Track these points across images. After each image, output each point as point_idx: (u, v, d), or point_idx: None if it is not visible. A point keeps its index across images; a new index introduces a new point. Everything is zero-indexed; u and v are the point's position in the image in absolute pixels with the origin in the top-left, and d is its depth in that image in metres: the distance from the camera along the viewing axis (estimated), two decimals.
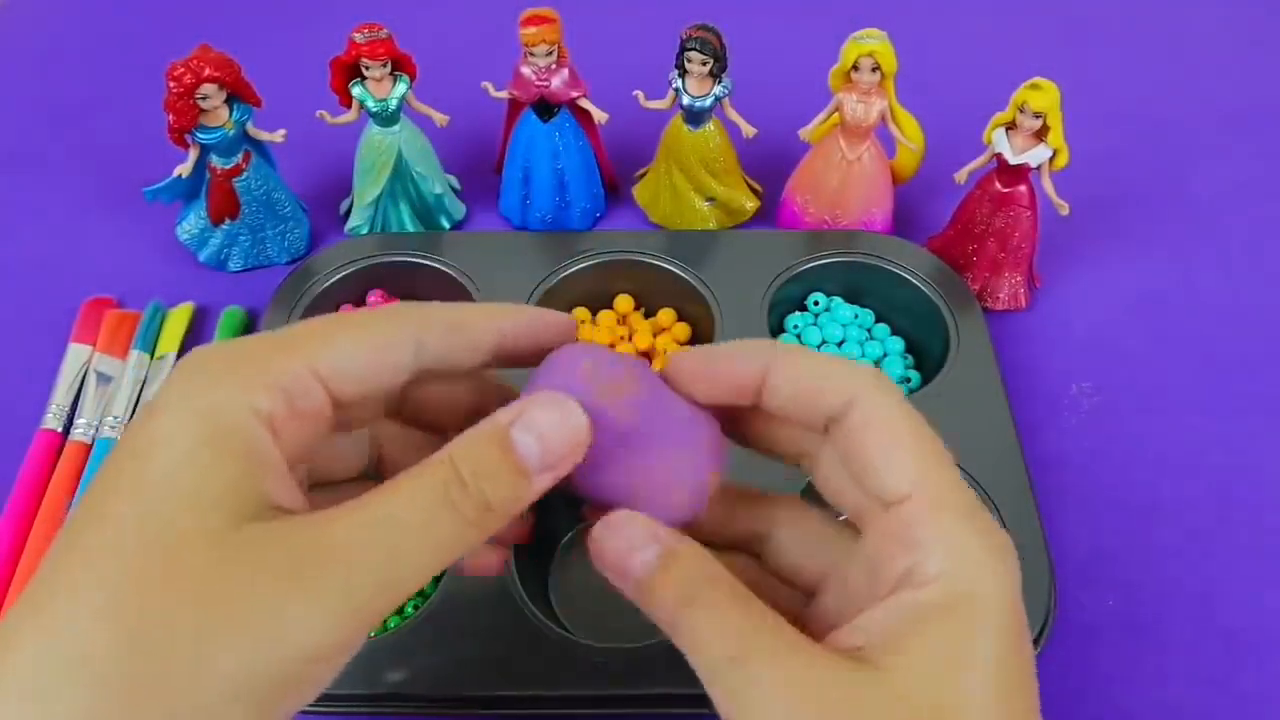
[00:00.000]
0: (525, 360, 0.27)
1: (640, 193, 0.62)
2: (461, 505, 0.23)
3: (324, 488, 0.28)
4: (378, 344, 0.24)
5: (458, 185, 0.63)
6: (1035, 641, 0.41)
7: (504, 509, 0.23)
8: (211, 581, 0.20)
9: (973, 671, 0.22)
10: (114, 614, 0.20)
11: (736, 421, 0.28)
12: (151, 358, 0.54)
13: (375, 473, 0.29)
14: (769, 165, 0.62)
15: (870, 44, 0.52)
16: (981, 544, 0.23)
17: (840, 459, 0.26)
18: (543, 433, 0.24)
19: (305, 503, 0.23)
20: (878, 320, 0.56)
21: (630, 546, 0.24)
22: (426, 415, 0.29)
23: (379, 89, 0.55)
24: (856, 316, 0.56)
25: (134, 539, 0.20)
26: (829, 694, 0.22)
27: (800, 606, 0.27)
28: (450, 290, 0.56)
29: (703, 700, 0.24)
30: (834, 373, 0.25)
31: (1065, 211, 0.54)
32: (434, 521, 0.22)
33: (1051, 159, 0.52)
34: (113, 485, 0.21)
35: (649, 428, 0.26)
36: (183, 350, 0.55)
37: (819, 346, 0.54)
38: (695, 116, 0.56)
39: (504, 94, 0.57)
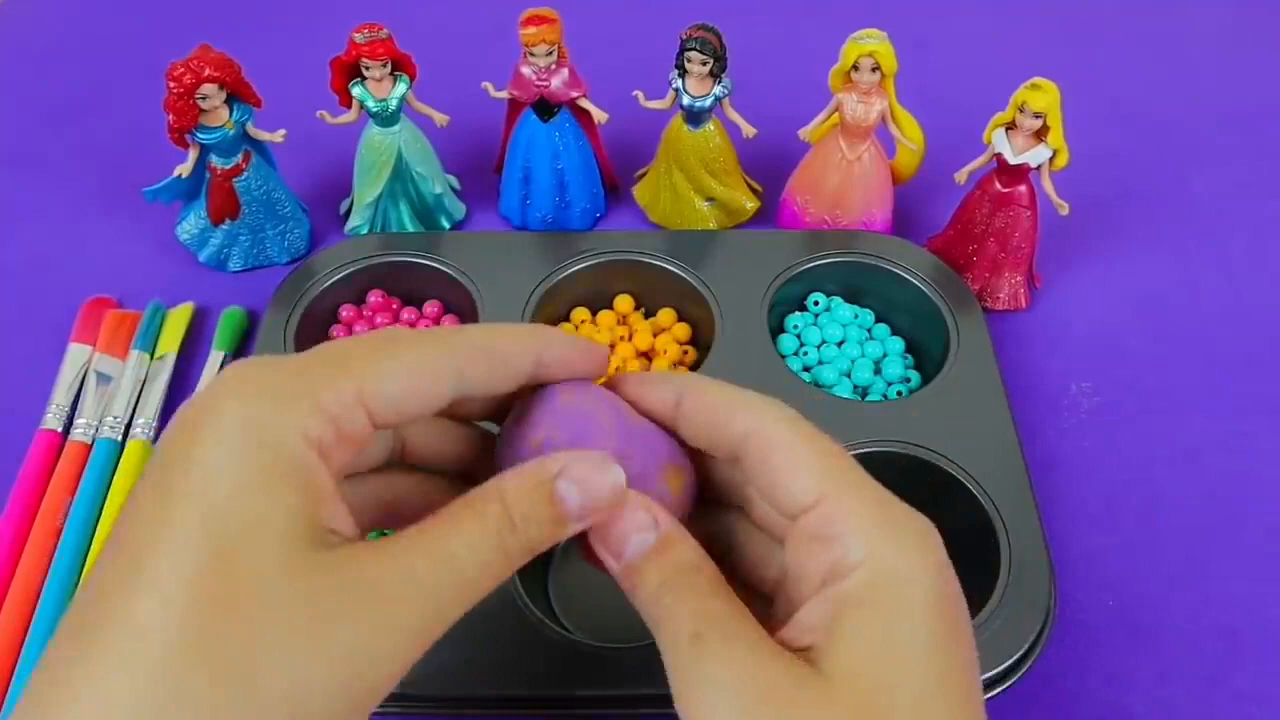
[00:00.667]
0: (552, 380, 0.28)
1: (640, 193, 0.62)
2: (510, 547, 0.24)
3: (350, 479, 0.28)
4: (423, 374, 0.25)
5: (458, 185, 0.63)
6: (1035, 641, 0.42)
7: (539, 550, 0.25)
8: (287, 606, 0.21)
9: (905, 650, 0.23)
10: (187, 632, 0.20)
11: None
12: (151, 358, 0.54)
13: (400, 460, 0.30)
14: (769, 165, 0.62)
15: (870, 44, 0.52)
16: (897, 527, 0.25)
17: (754, 488, 0.27)
18: (585, 488, 0.25)
19: (353, 524, 0.24)
20: (878, 320, 0.56)
21: (632, 528, 0.26)
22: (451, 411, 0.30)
23: (379, 89, 0.55)
24: (856, 316, 0.56)
25: (203, 561, 0.20)
26: (770, 686, 0.22)
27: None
28: (450, 290, 0.56)
29: None
30: (735, 404, 0.27)
31: (1065, 211, 0.54)
32: (490, 561, 0.24)
33: (1051, 159, 0.52)
34: (172, 501, 0.21)
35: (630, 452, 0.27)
36: (182, 350, 0.55)
37: (819, 347, 0.54)
38: (695, 116, 0.56)
39: (504, 94, 0.57)
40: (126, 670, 0.19)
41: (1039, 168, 0.53)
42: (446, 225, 0.61)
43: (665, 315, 0.56)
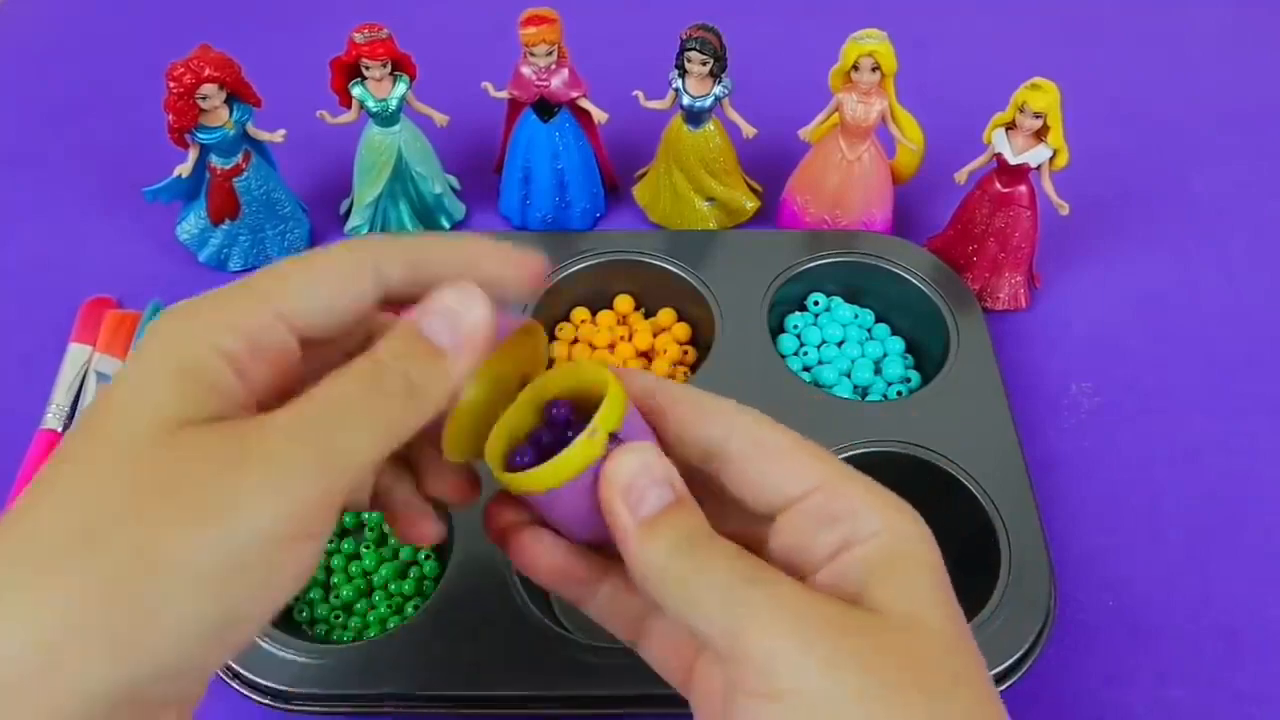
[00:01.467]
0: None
1: (640, 193, 0.62)
2: (388, 384, 0.24)
3: None
4: (332, 276, 0.25)
5: (458, 185, 0.63)
6: (1035, 641, 0.42)
7: (430, 388, 0.25)
8: (159, 476, 0.21)
9: (929, 595, 0.25)
10: (76, 515, 0.21)
11: None
12: None
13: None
14: (769, 165, 0.62)
15: (870, 44, 0.52)
16: (895, 503, 0.26)
17: (733, 489, 0.27)
18: (447, 311, 0.25)
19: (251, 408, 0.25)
20: (878, 320, 0.56)
21: (652, 480, 0.25)
22: None
23: (379, 89, 0.55)
24: (856, 316, 0.56)
25: (95, 447, 0.22)
26: (827, 616, 0.23)
27: None
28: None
29: None
30: (714, 407, 0.28)
31: (1065, 211, 0.54)
32: (363, 398, 0.24)
33: (1051, 159, 0.52)
34: (90, 410, 0.24)
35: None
36: None
37: (819, 347, 0.54)
38: (695, 116, 0.56)
39: (504, 94, 0.57)
40: (16, 552, 0.21)
41: (1039, 168, 0.53)
42: (446, 225, 0.61)
43: (665, 315, 0.56)
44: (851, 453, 0.47)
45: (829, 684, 0.22)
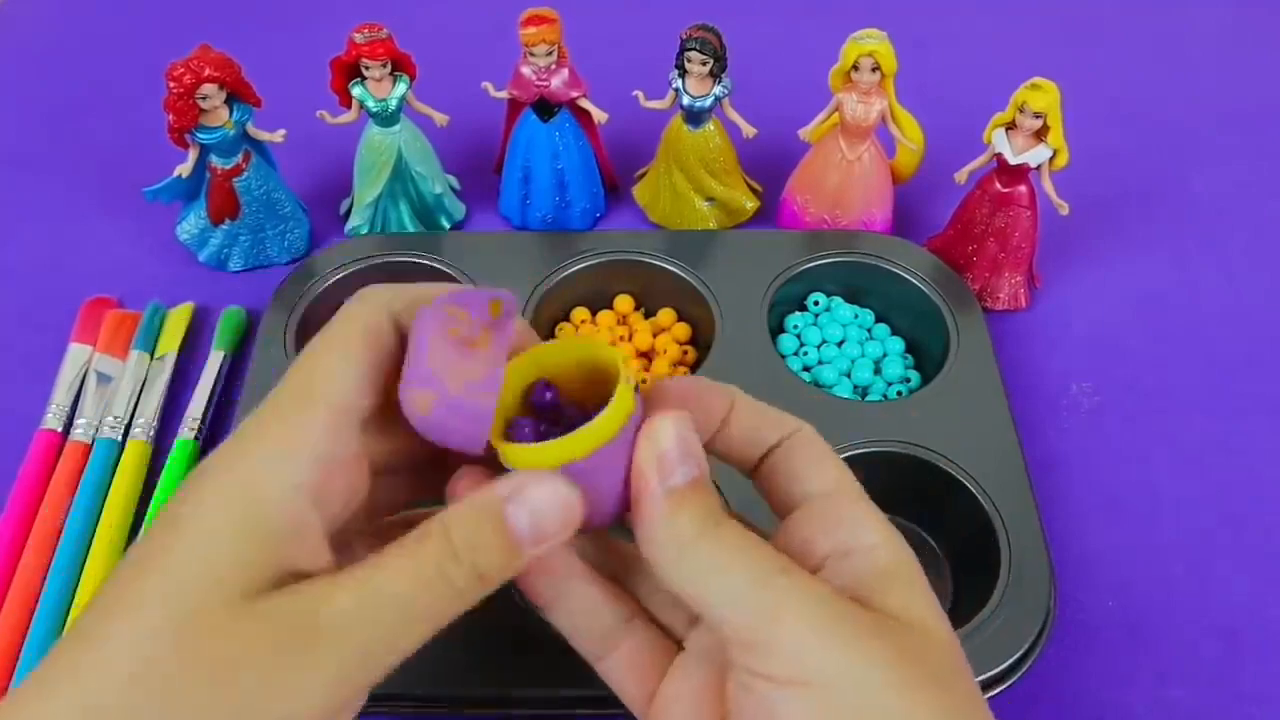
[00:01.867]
0: None
1: (640, 193, 0.62)
2: (455, 578, 0.24)
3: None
4: (362, 345, 0.26)
5: (458, 185, 0.63)
6: (1035, 641, 0.42)
7: (496, 578, 0.25)
8: (217, 654, 0.22)
9: (928, 606, 0.26)
10: (133, 687, 0.21)
11: None
12: (151, 358, 0.54)
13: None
14: (769, 165, 0.62)
15: (870, 44, 0.52)
16: (889, 525, 0.28)
17: (767, 476, 0.29)
18: (536, 509, 0.25)
19: (331, 560, 0.24)
20: (878, 320, 0.56)
21: (684, 452, 0.26)
22: None
23: (379, 89, 0.55)
24: (856, 316, 0.56)
25: (156, 617, 0.22)
26: (860, 619, 0.24)
27: None
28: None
29: None
30: (777, 416, 0.29)
31: (1065, 211, 0.54)
32: (427, 595, 0.24)
33: (1051, 159, 0.52)
34: (146, 555, 0.23)
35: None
36: (183, 350, 0.55)
37: (819, 347, 0.54)
38: (695, 116, 0.56)
39: (504, 94, 0.57)
40: (75, 711, 0.21)
41: (1039, 168, 0.53)
42: (446, 225, 0.61)
43: (665, 315, 0.56)
44: (852, 453, 0.47)
45: (860, 675, 0.23)
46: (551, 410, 0.27)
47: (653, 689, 0.28)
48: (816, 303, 0.56)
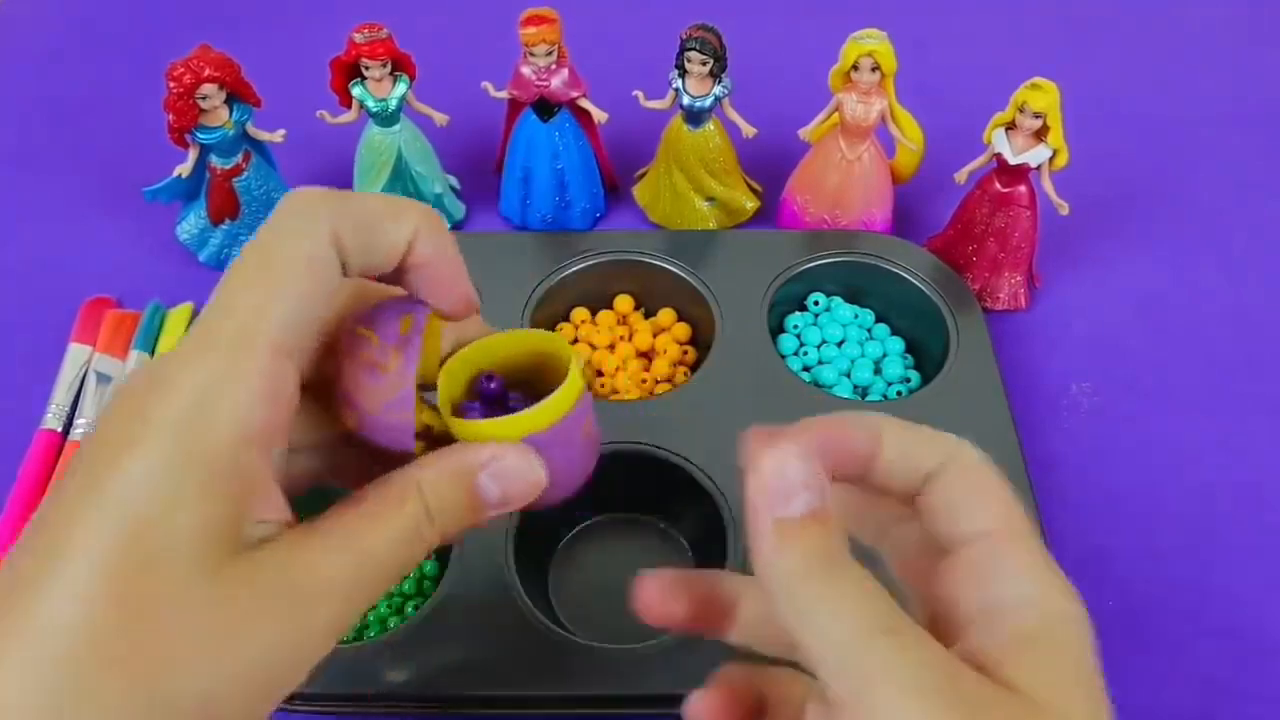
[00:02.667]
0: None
1: (640, 193, 0.62)
2: (427, 537, 0.25)
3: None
4: (303, 282, 0.24)
5: (458, 185, 0.63)
6: None
7: (454, 538, 0.26)
8: (201, 612, 0.21)
9: (1073, 683, 0.23)
10: (99, 633, 0.20)
11: None
12: (151, 358, 0.54)
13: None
14: (769, 165, 0.62)
15: (870, 44, 0.52)
16: (1053, 578, 0.25)
17: (926, 510, 0.26)
18: (508, 482, 0.25)
19: (286, 508, 0.24)
20: (878, 320, 0.56)
21: (801, 481, 0.24)
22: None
23: (379, 89, 0.55)
24: (856, 316, 0.56)
25: (121, 565, 0.21)
26: (969, 697, 0.22)
27: None
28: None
29: None
30: (930, 438, 0.26)
31: (1065, 211, 0.54)
32: (405, 554, 0.24)
33: (1051, 159, 0.52)
34: (100, 500, 0.21)
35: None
36: None
37: (819, 347, 0.54)
38: (695, 116, 0.56)
39: (504, 94, 0.57)
40: (31, 667, 0.20)
41: (1039, 168, 0.53)
42: (446, 225, 0.61)
43: (665, 315, 0.56)
44: None
45: None
46: (496, 398, 0.28)
47: None
48: (816, 303, 0.56)
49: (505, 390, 0.28)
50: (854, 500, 0.28)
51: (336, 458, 0.28)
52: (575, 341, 0.55)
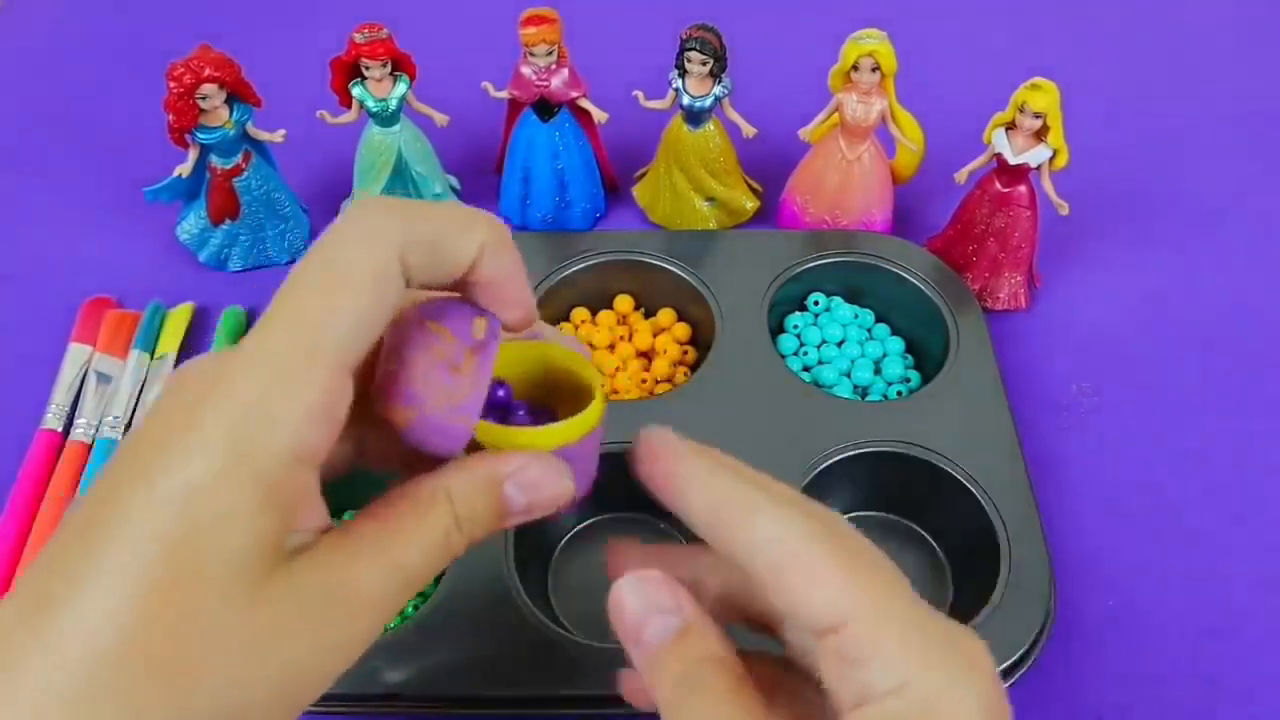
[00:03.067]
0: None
1: (640, 193, 0.62)
2: (454, 544, 0.25)
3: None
4: (366, 299, 0.23)
5: (458, 185, 0.63)
6: (1035, 641, 0.42)
7: (477, 544, 0.26)
8: (236, 625, 0.21)
9: None
10: (135, 639, 0.20)
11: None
12: (151, 358, 0.54)
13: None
14: (769, 165, 0.62)
15: (870, 44, 0.52)
16: (936, 650, 0.23)
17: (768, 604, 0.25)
18: (535, 492, 0.26)
19: (324, 515, 0.24)
20: (878, 320, 0.56)
21: (653, 609, 0.25)
22: None
23: (379, 89, 0.55)
24: (856, 316, 0.56)
25: (161, 573, 0.21)
26: None
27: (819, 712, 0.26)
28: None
29: None
30: (751, 504, 0.25)
31: (1065, 211, 0.54)
32: (435, 561, 0.25)
33: (1051, 159, 0.52)
34: (144, 502, 0.21)
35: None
36: (183, 350, 0.55)
37: (819, 347, 0.54)
38: (695, 116, 0.56)
39: (504, 94, 0.57)
40: (67, 669, 0.20)
41: (1039, 168, 0.53)
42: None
43: (665, 315, 0.56)
44: (852, 453, 0.47)
45: None
46: (503, 406, 0.27)
47: None
48: (816, 303, 0.56)
49: (512, 400, 0.27)
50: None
51: (367, 443, 0.28)
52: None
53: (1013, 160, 0.52)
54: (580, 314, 0.56)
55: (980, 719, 0.22)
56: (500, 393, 0.27)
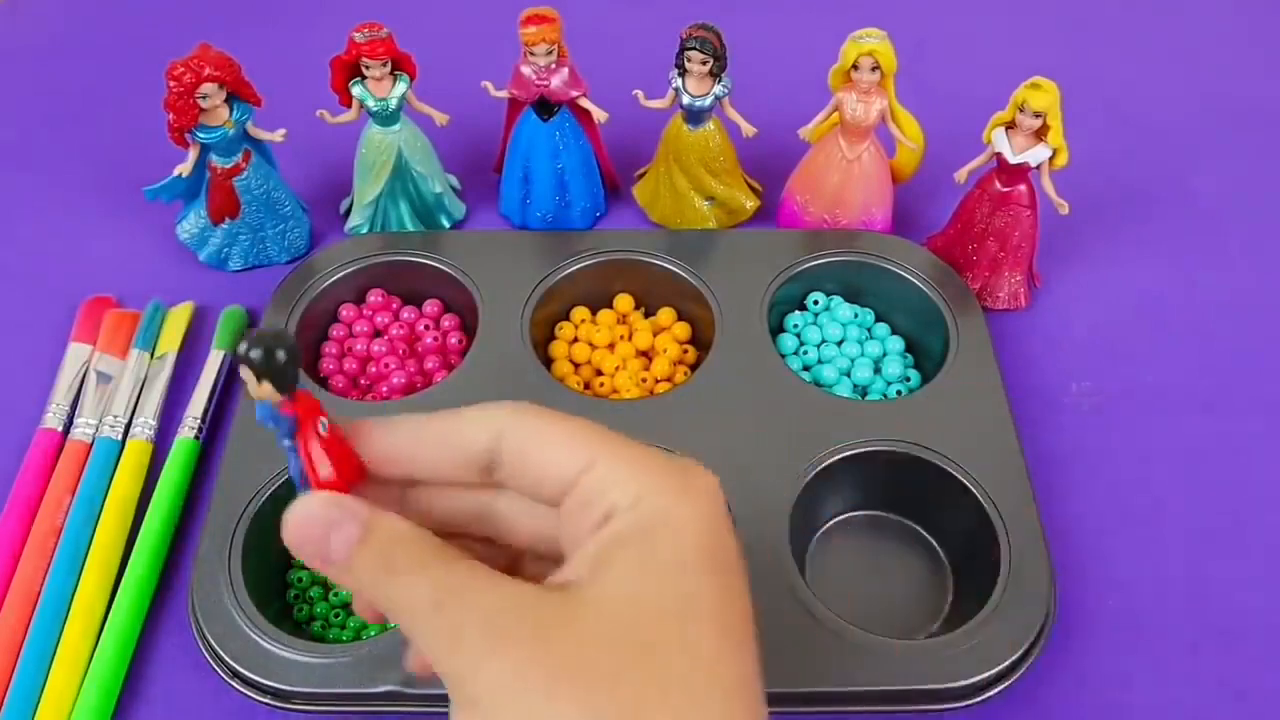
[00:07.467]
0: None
1: (640, 192, 0.62)
2: None
3: None
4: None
5: (458, 184, 0.63)
6: (1035, 641, 0.42)
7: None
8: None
9: (660, 573, 0.23)
10: None
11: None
12: (151, 357, 0.54)
13: None
14: (769, 165, 0.62)
15: (870, 43, 0.52)
16: (668, 476, 0.25)
17: (515, 495, 0.27)
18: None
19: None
20: (878, 320, 0.56)
21: (329, 525, 0.25)
22: None
23: (379, 88, 0.55)
24: (856, 316, 0.56)
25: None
26: (529, 615, 0.23)
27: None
28: (451, 290, 0.56)
29: None
30: (470, 416, 0.26)
31: (1065, 211, 0.54)
32: None
33: (1051, 158, 0.52)
34: None
35: None
36: (183, 349, 0.55)
37: (819, 346, 0.54)
38: (695, 116, 0.56)
39: (504, 93, 0.57)
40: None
41: (1039, 167, 0.53)
42: (447, 225, 0.61)
43: (665, 315, 0.56)
44: (851, 452, 0.47)
45: (524, 701, 0.22)
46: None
47: None
48: (816, 302, 0.56)
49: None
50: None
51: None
52: (575, 341, 0.55)
53: (1013, 159, 0.52)
54: (580, 313, 0.56)
55: (702, 530, 0.24)
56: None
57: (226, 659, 0.41)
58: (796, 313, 0.56)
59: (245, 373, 0.24)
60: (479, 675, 0.22)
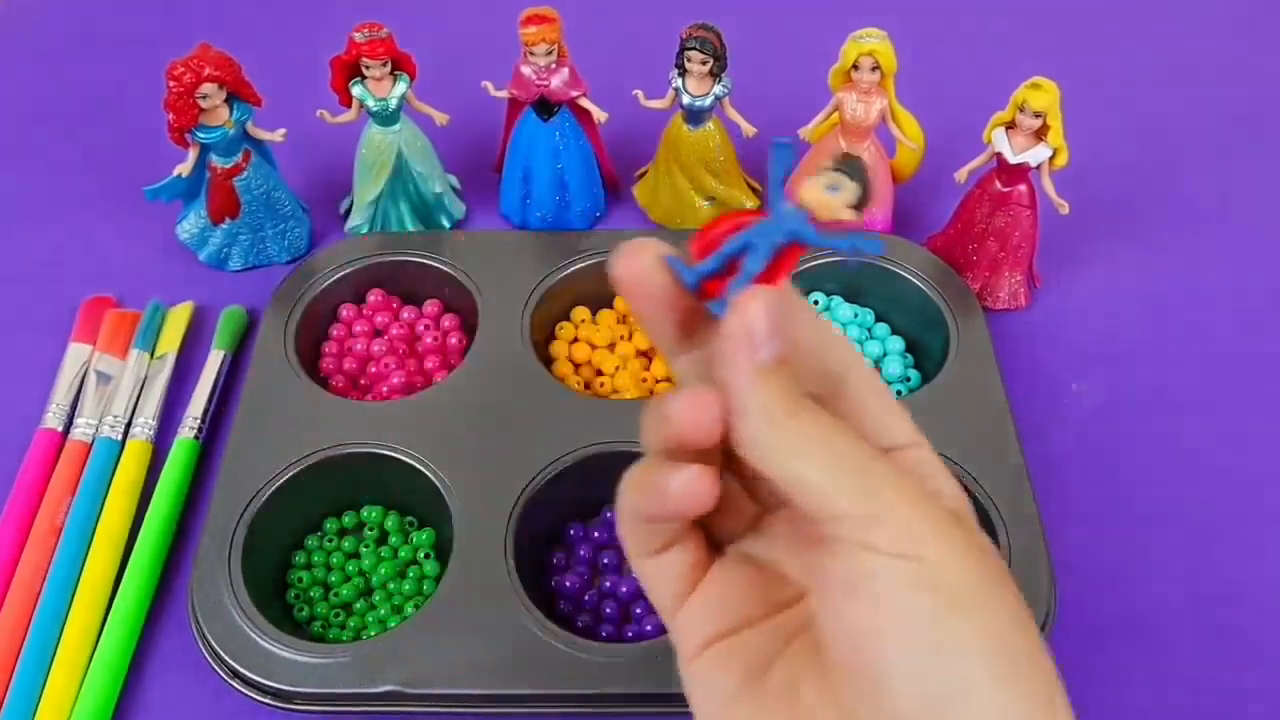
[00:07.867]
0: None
1: (640, 192, 0.62)
2: None
3: None
4: None
5: (458, 184, 0.63)
6: None
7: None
8: None
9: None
10: None
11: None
12: (151, 357, 0.54)
13: None
14: (769, 165, 0.62)
15: (870, 43, 0.52)
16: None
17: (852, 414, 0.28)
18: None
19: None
20: (878, 320, 0.56)
21: (773, 330, 0.25)
22: None
23: (379, 88, 0.55)
24: (856, 316, 0.56)
25: None
26: (942, 510, 0.25)
27: None
28: (451, 289, 0.56)
29: None
30: (834, 342, 0.28)
31: (1065, 211, 0.54)
32: None
33: (1051, 158, 0.52)
34: None
35: None
36: (182, 349, 0.55)
37: None
38: (695, 116, 0.56)
39: (504, 93, 0.57)
40: None
41: (1039, 167, 0.53)
42: (447, 225, 0.61)
43: None
44: None
45: (961, 565, 0.24)
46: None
47: (686, 593, 0.28)
48: (816, 302, 0.56)
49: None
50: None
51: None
52: (575, 341, 0.55)
53: (1013, 159, 0.52)
54: (580, 314, 0.56)
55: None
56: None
57: (227, 659, 0.41)
58: None
59: (833, 178, 0.25)
60: (926, 533, 0.24)
